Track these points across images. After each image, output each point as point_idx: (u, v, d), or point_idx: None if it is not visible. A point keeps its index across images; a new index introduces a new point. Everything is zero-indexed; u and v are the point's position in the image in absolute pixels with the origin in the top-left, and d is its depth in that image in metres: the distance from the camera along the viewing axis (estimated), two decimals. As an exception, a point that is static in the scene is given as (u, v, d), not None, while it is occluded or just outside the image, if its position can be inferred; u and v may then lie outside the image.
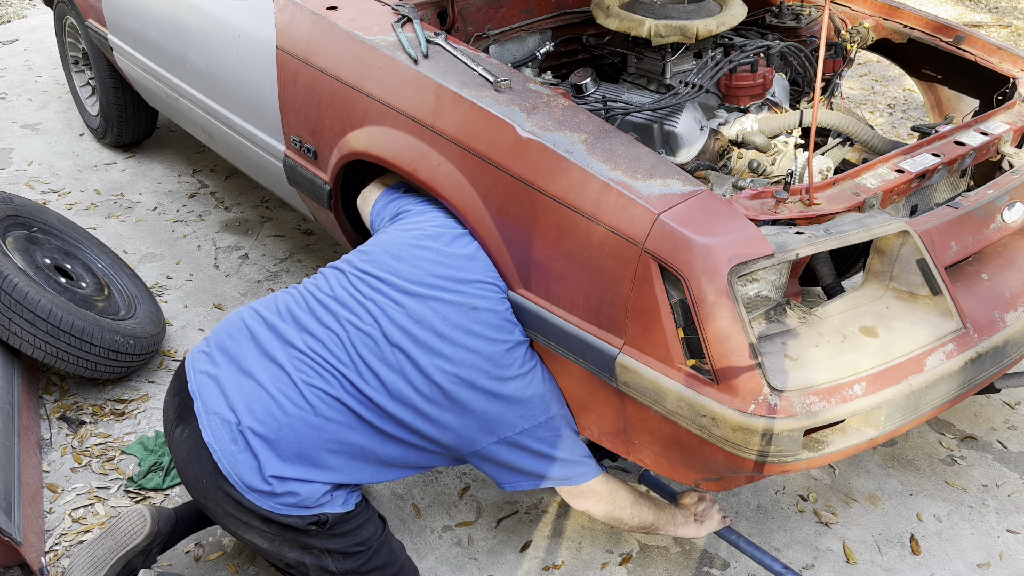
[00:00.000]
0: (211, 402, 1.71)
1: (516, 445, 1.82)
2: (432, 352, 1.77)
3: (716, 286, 1.62)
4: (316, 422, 1.71)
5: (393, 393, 1.75)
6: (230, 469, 1.67)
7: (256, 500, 1.68)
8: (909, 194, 2.06)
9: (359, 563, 1.81)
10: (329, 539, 1.76)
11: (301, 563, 1.77)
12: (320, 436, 1.71)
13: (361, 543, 1.80)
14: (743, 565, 2.20)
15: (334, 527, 1.75)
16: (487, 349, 1.80)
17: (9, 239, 2.65)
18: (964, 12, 6.98)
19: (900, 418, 1.75)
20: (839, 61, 2.79)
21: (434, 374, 1.76)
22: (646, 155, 1.83)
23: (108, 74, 3.85)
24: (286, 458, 1.69)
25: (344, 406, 1.74)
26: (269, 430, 1.68)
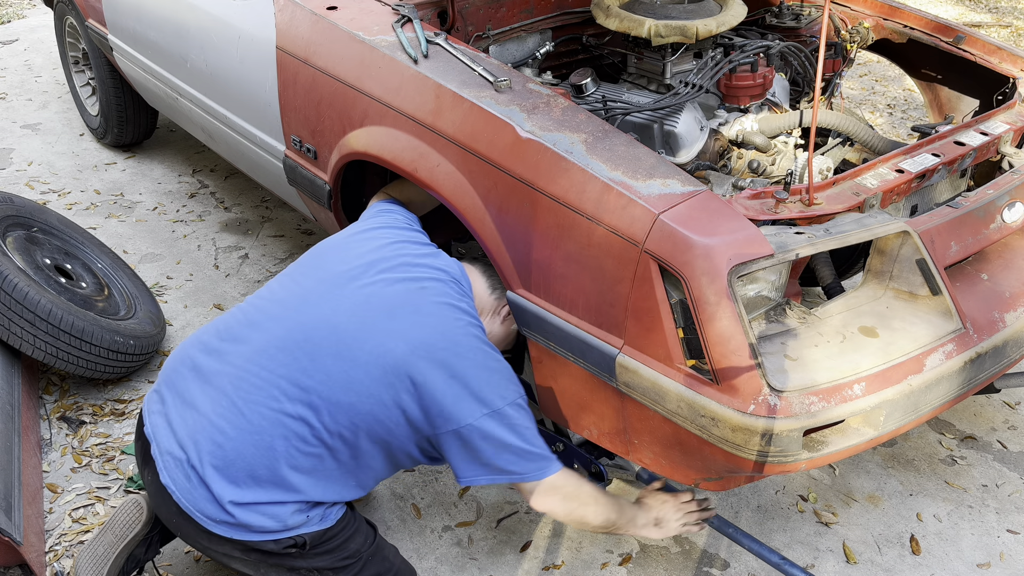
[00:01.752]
0: (163, 442, 1.68)
1: (476, 432, 1.70)
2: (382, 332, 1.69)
3: (716, 286, 1.62)
4: (262, 440, 1.63)
5: (341, 384, 1.65)
6: (190, 506, 1.64)
7: (224, 531, 1.64)
8: (909, 194, 2.06)
9: (351, 575, 1.77)
10: (314, 558, 1.72)
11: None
12: (271, 455, 1.64)
13: (350, 556, 1.76)
14: (743, 565, 2.20)
15: (317, 546, 1.71)
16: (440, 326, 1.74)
17: (9, 239, 2.65)
18: (964, 12, 6.98)
19: (900, 418, 1.75)
20: (839, 61, 2.79)
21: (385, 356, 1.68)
22: (646, 155, 1.83)
23: (108, 74, 3.85)
24: (241, 483, 1.63)
25: (289, 416, 1.65)
26: (216, 458, 1.63)
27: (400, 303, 1.72)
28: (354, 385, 1.64)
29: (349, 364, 1.65)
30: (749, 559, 2.21)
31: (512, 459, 1.71)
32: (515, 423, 1.70)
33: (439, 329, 1.71)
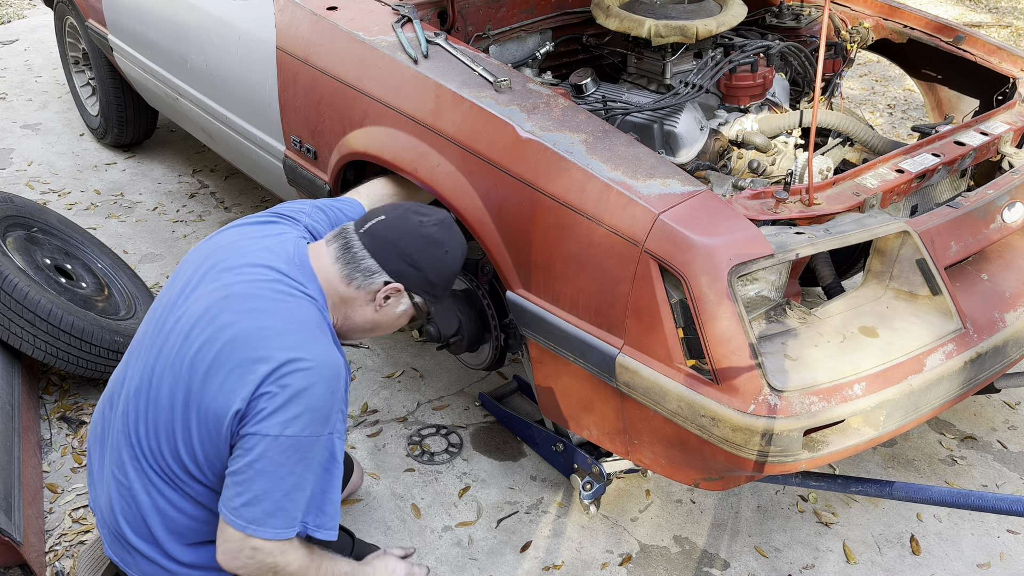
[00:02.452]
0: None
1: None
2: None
3: (716, 286, 1.62)
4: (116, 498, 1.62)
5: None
6: (124, 567, 1.65)
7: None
8: (909, 194, 2.06)
9: None
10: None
11: None
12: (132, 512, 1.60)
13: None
14: (743, 565, 2.20)
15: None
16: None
17: (9, 239, 2.65)
18: (964, 12, 6.98)
19: (900, 418, 1.75)
20: (839, 61, 2.79)
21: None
22: (646, 155, 1.83)
23: (108, 74, 3.85)
24: (148, 542, 1.61)
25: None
26: (126, 515, 1.62)
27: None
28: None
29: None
30: (749, 559, 2.21)
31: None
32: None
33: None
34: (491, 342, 2.33)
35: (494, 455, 2.51)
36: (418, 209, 1.68)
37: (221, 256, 1.62)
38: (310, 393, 1.45)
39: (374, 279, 1.61)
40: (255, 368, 1.44)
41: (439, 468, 2.46)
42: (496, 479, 2.42)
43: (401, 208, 1.67)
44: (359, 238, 1.62)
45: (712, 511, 2.35)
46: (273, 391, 1.44)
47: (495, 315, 2.28)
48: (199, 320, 1.52)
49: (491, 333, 2.31)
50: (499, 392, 2.69)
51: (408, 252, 1.61)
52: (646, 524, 2.30)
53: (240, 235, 1.68)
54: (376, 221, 1.64)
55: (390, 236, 1.62)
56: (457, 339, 2.35)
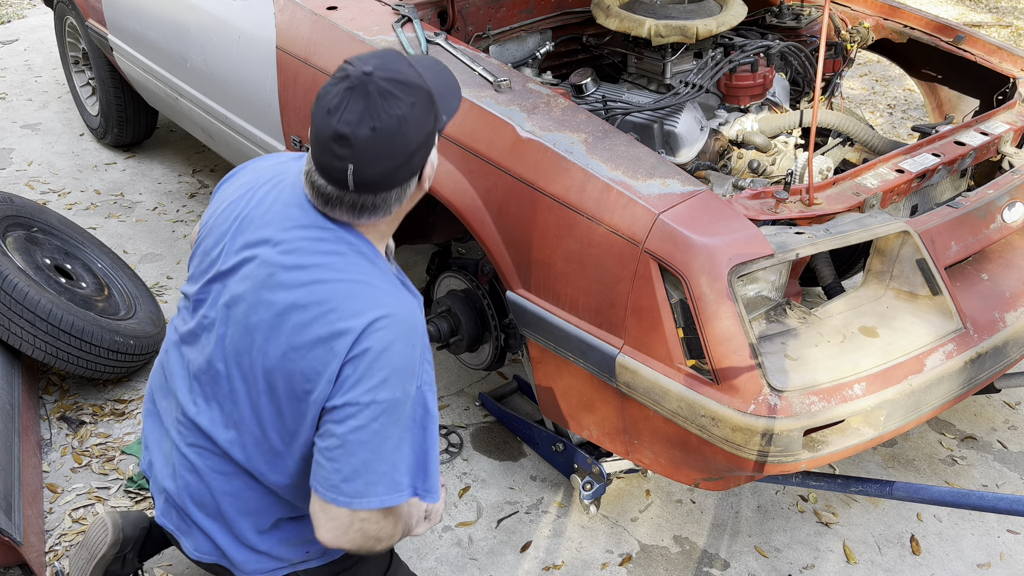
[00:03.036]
0: (153, 461, 1.65)
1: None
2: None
3: (716, 286, 1.62)
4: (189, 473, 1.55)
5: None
6: (181, 537, 1.59)
7: (222, 562, 1.57)
8: (909, 194, 2.06)
9: None
10: None
11: None
12: (208, 491, 1.53)
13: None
14: (743, 565, 2.20)
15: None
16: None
17: (9, 239, 2.65)
18: (964, 12, 6.98)
19: (900, 418, 1.75)
20: (839, 61, 2.79)
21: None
22: (646, 155, 1.83)
23: (108, 74, 3.85)
24: (214, 518, 1.55)
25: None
26: (191, 492, 1.55)
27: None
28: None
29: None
30: (749, 559, 2.21)
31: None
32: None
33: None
34: (491, 342, 2.33)
35: (494, 455, 2.51)
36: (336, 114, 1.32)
37: (246, 226, 1.48)
38: (390, 352, 1.35)
39: (408, 188, 1.39)
40: (332, 345, 1.35)
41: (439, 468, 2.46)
42: (496, 479, 2.42)
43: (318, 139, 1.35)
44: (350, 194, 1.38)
45: (712, 511, 2.35)
46: (354, 360, 1.34)
47: (495, 315, 2.29)
48: (255, 306, 1.41)
49: (491, 333, 2.32)
50: (499, 392, 2.69)
51: (399, 147, 1.33)
52: (646, 524, 2.30)
53: (254, 197, 1.52)
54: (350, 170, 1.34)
55: (378, 167, 1.34)
56: (457, 339, 2.36)
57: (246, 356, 1.42)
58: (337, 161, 1.31)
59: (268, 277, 1.40)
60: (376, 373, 1.34)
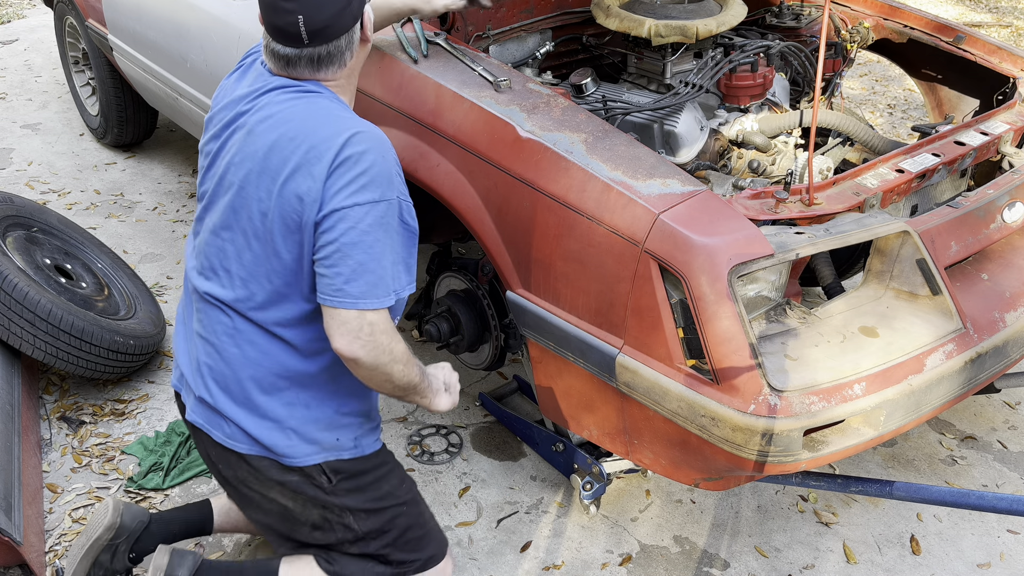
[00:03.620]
0: (183, 370, 1.71)
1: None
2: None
3: (716, 286, 1.62)
4: (213, 347, 1.62)
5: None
6: (212, 429, 1.64)
7: (253, 450, 1.63)
8: (909, 194, 2.06)
9: (381, 522, 1.71)
10: (344, 495, 1.67)
11: (327, 521, 1.69)
12: (242, 369, 1.61)
13: (382, 498, 1.71)
14: (743, 565, 2.20)
15: (344, 480, 1.66)
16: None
17: (9, 239, 2.65)
18: (964, 12, 6.98)
19: (900, 418, 1.75)
20: (839, 61, 2.79)
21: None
22: (646, 155, 1.83)
23: (108, 74, 3.85)
24: (240, 403, 1.62)
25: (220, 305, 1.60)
26: (215, 376, 1.63)
27: None
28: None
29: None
30: (749, 559, 2.21)
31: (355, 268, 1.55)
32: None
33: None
34: (491, 342, 2.33)
35: (494, 455, 2.51)
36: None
37: (224, 114, 1.64)
38: (366, 160, 1.49)
39: (354, 35, 1.58)
40: (311, 169, 1.48)
41: (439, 468, 2.46)
42: (496, 479, 2.42)
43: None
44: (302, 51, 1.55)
45: (712, 511, 2.35)
46: (335, 172, 1.48)
47: (495, 315, 2.29)
48: (241, 163, 1.55)
49: (491, 333, 2.32)
50: (499, 392, 2.69)
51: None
52: (646, 524, 2.30)
53: (226, 92, 1.68)
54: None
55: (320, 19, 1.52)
56: (457, 339, 2.36)
57: (243, 212, 1.54)
58: (287, 15, 1.49)
59: (247, 135, 1.56)
60: (357, 179, 1.48)
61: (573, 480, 2.27)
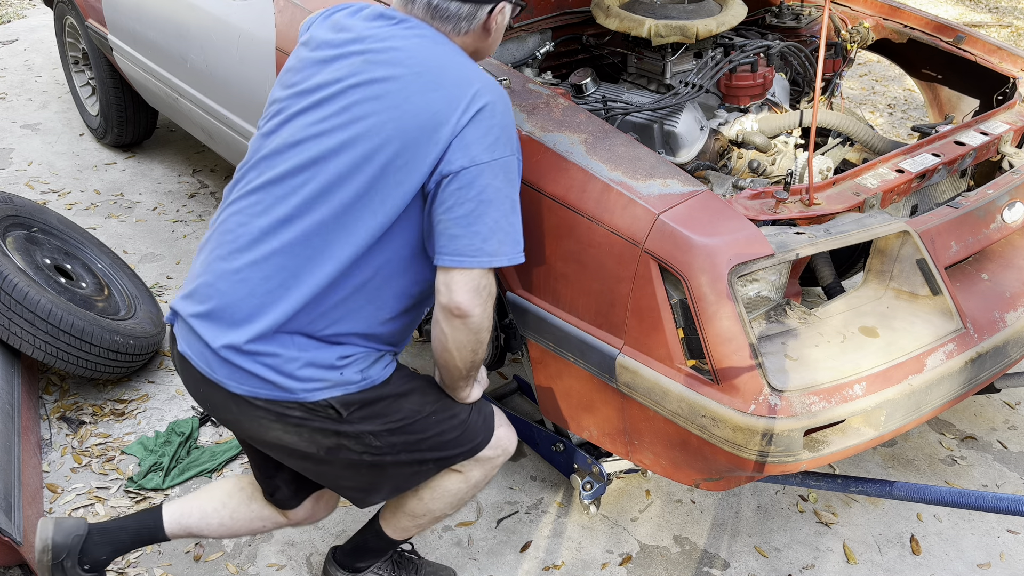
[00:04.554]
0: (179, 309, 1.60)
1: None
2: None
3: (716, 286, 1.62)
4: (230, 264, 1.51)
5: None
6: (203, 366, 1.54)
7: (246, 389, 1.52)
8: (909, 194, 2.06)
9: (406, 436, 1.62)
10: (360, 422, 1.57)
11: (341, 447, 1.58)
12: (247, 287, 1.50)
13: (404, 417, 1.61)
14: (743, 565, 2.20)
15: (356, 411, 1.56)
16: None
17: (9, 239, 2.65)
18: (964, 12, 6.98)
19: (900, 418, 1.75)
20: (839, 61, 2.79)
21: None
22: (646, 155, 1.83)
23: (108, 74, 3.85)
24: (238, 323, 1.51)
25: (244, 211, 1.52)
26: (210, 304, 1.52)
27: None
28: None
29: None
30: (749, 559, 2.21)
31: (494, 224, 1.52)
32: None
33: None
34: (491, 342, 2.33)
35: (494, 455, 2.51)
36: None
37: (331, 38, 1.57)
38: (497, 113, 1.47)
39: (478, 13, 1.56)
40: (441, 111, 1.44)
41: (439, 468, 2.46)
42: (496, 479, 2.42)
43: None
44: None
45: (712, 511, 2.35)
46: (470, 123, 1.44)
47: (495, 315, 2.29)
48: (353, 88, 1.49)
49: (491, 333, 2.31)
50: (499, 392, 2.69)
51: None
52: (646, 524, 2.30)
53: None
54: None
55: None
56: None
57: (336, 137, 1.47)
58: None
59: (364, 62, 1.49)
60: (491, 132, 1.45)
61: (573, 480, 2.27)
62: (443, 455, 1.70)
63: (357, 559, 1.98)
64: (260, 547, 2.20)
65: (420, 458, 1.67)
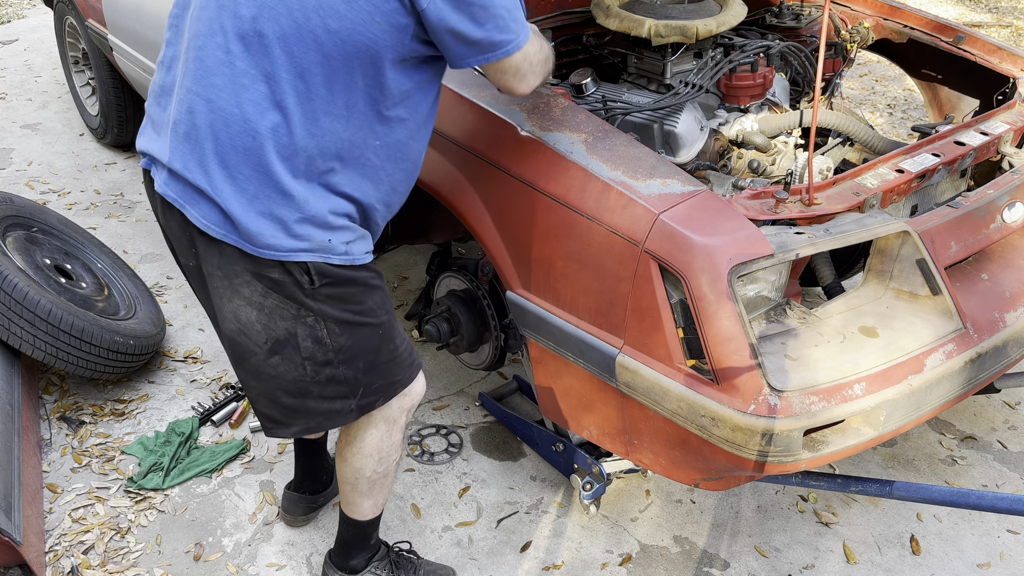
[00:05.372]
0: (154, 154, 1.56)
1: None
2: None
3: (716, 286, 1.62)
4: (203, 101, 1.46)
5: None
6: (187, 205, 1.50)
7: (220, 232, 1.48)
8: (909, 194, 2.06)
9: (354, 339, 1.61)
10: (324, 301, 1.56)
11: (292, 336, 1.56)
12: (227, 131, 1.45)
13: (361, 313, 1.61)
14: (743, 565, 2.20)
15: (327, 286, 1.55)
16: None
17: (9, 239, 2.65)
18: (964, 12, 6.98)
19: (900, 418, 1.75)
20: (839, 61, 2.79)
21: None
22: (646, 155, 1.83)
23: (108, 74, 3.85)
24: (230, 181, 1.48)
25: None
26: (189, 133, 1.48)
27: None
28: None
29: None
30: (749, 559, 2.21)
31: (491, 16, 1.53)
32: None
33: None
34: (491, 342, 2.33)
35: (494, 455, 2.51)
36: None
37: None
38: None
39: None
40: None
41: (439, 468, 2.46)
42: (496, 479, 2.43)
43: None
44: None
45: (712, 511, 2.35)
46: None
47: (495, 315, 2.29)
48: None
49: (491, 333, 2.32)
50: (499, 392, 2.69)
51: None
52: (646, 524, 2.30)
53: None
54: None
55: None
56: (457, 339, 2.36)
57: None
58: None
59: None
60: None
61: (573, 480, 2.27)
62: (368, 381, 1.68)
63: (346, 556, 2.01)
64: (260, 547, 2.20)
65: (350, 377, 1.64)
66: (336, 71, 1.46)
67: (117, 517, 2.28)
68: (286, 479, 2.32)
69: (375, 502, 1.93)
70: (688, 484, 1.92)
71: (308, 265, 1.53)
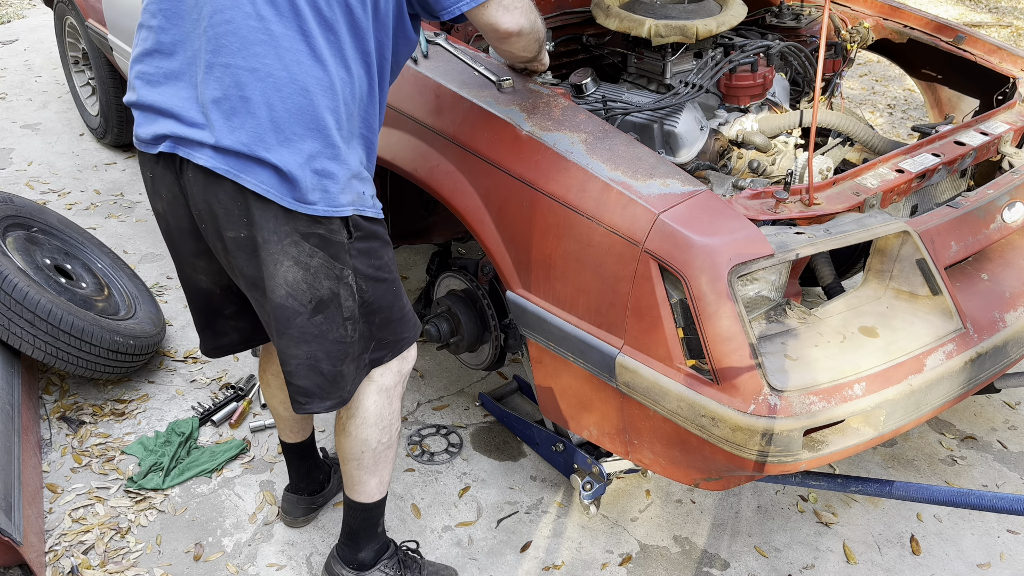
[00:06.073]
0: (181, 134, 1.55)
1: None
2: None
3: (716, 286, 1.62)
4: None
5: None
6: (241, 174, 1.50)
7: (277, 195, 1.50)
8: (909, 194, 2.06)
9: (375, 294, 1.68)
10: (358, 256, 1.62)
11: (335, 296, 1.61)
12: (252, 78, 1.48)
13: (383, 268, 1.68)
14: (743, 565, 2.20)
15: (361, 239, 1.61)
16: None
17: (9, 239, 2.65)
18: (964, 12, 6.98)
19: (900, 418, 1.75)
20: (839, 61, 2.79)
21: None
22: (646, 155, 1.83)
23: (108, 74, 3.85)
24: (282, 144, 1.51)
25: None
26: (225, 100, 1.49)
27: None
28: None
29: None
30: (749, 559, 2.21)
31: None
32: None
33: None
34: (491, 342, 2.33)
35: (494, 455, 2.51)
36: None
37: None
38: None
39: None
40: None
41: (439, 468, 2.46)
42: (496, 479, 2.43)
43: None
44: None
45: (712, 511, 2.35)
46: None
47: (495, 315, 2.29)
48: None
49: (491, 333, 2.32)
50: (499, 392, 2.69)
51: None
52: (646, 524, 2.30)
53: None
54: None
55: None
56: (457, 339, 2.36)
57: None
58: None
59: None
60: None
61: (573, 480, 2.27)
62: (380, 336, 1.74)
63: (354, 548, 1.99)
64: (260, 547, 2.20)
65: (366, 334, 1.70)
66: (357, 19, 1.53)
67: (117, 517, 2.28)
68: (286, 479, 2.32)
69: (380, 479, 1.92)
70: (688, 484, 1.92)
71: (348, 220, 1.59)
